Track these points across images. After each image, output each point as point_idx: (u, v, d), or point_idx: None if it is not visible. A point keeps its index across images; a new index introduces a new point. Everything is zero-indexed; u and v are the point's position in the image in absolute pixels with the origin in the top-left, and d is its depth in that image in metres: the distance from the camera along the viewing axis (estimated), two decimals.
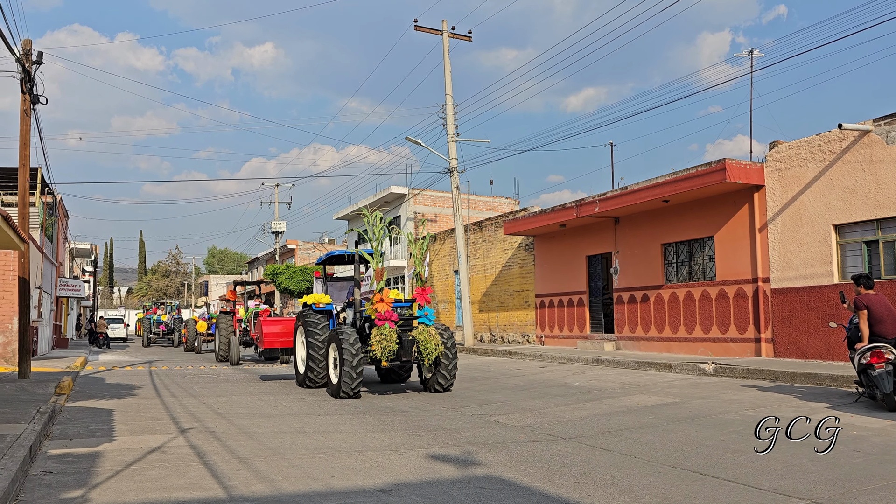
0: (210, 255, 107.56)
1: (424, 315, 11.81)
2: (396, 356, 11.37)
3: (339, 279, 15.36)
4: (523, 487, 5.37)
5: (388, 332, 11.12)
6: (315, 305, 13.31)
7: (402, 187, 34.16)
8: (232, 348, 20.55)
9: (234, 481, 5.58)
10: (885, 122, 13.56)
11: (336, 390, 11.22)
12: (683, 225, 17.91)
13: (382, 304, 11.39)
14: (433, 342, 11.27)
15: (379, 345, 11.01)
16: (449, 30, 24.18)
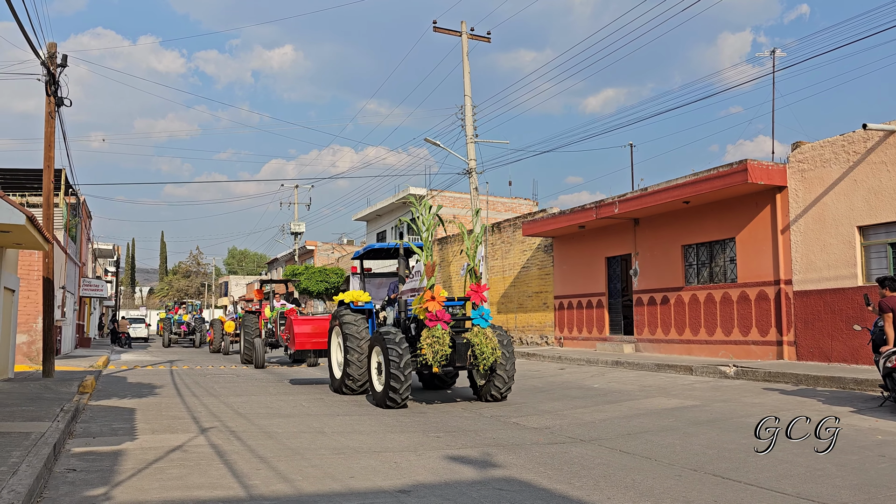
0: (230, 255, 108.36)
1: (480, 315, 10.51)
2: (450, 361, 10.20)
3: (378, 275, 14.16)
4: (542, 489, 5.35)
5: (440, 334, 9.93)
6: (353, 304, 12.13)
7: (421, 188, 34.21)
8: (257, 350, 19.48)
9: (255, 481, 5.62)
10: None
11: (381, 399, 10.08)
12: (704, 226, 17.76)
13: (434, 302, 10.11)
14: (490, 345, 10.14)
15: (430, 348, 9.89)
16: (468, 31, 24.17)
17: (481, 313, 10.50)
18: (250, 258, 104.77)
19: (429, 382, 12.67)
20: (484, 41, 24.84)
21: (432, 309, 10.09)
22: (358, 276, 13.44)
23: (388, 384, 9.82)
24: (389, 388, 9.81)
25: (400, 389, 9.80)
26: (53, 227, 15.52)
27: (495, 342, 10.23)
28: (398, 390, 9.80)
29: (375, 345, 10.53)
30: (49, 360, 14.22)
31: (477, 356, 10.19)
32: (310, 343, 14.57)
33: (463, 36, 24.09)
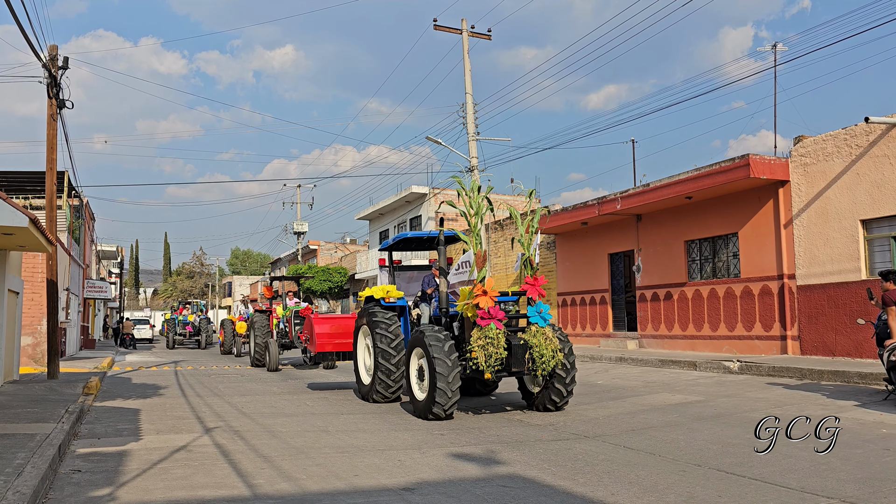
0: (233, 256, 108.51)
1: (538, 313, 9.10)
2: (505, 366, 8.81)
3: (408, 268, 12.67)
4: (546, 486, 5.35)
5: (494, 334, 8.55)
6: (384, 300, 10.73)
7: (423, 187, 34.20)
8: (270, 352, 17.93)
9: (259, 480, 5.63)
10: None
11: (423, 409, 8.77)
12: (707, 222, 17.73)
13: (486, 297, 8.69)
14: (550, 347, 8.78)
15: (482, 351, 8.50)
16: (468, 28, 24.15)
17: (539, 310, 9.08)
18: (254, 258, 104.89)
19: (467, 387, 11.07)
20: (485, 39, 24.82)
21: (484, 305, 8.68)
22: (386, 268, 11.97)
23: (433, 394, 8.44)
24: (434, 398, 8.45)
25: (447, 402, 8.47)
26: (56, 229, 15.56)
27: (556, 344, 8.88)
28: (445, 401, 8.44)
29: (416, 347, 9.09)
30: (54, 362, 14.26)
31: (535, 360, 8.81)
32: (332, 345, 13.05)
33: (463, 34, 24.07)
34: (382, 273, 11.99)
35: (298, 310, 19.31)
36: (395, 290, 10.82)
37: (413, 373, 9.27)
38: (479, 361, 8.52)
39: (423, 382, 8.91)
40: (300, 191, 49.18)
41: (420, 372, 9.08)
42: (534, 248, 9.50)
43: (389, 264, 11.95)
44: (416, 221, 36.11)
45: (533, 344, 8.83)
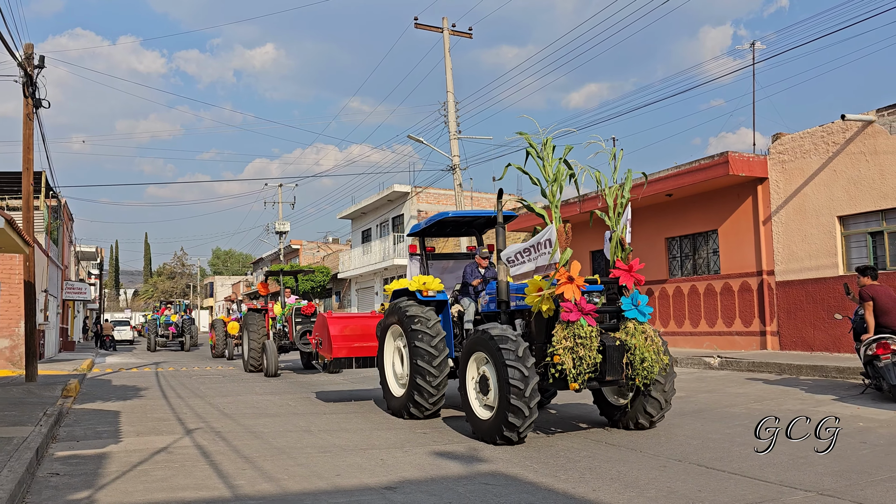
0: (215, 256, 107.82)
1: (635, 305, 7.26)
2: (599, 374, 6.96)
3: (444, 257, 10.69)
4: (528, 483, 5.37)
5: (587, 333, 6.76)
6: (420, 293, 8.95)
7: (405, 185, 34.17)
8: (269, 355, 15.94)
9: (240, 481, 5.60)
10: (888, 112, 13.51)
11: (490, 430, 6.86)
12: (687, 219, 17.88)
13: (573, 286, 6.89)
14: (652, 350, 7.03)
15: (570, 355, 6.68)
16: (449, 27, 24.15)
17: (636, 302, 7.26)
18: (235, 258, 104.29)
19: None
20: (465, 37, 24.83)
21: (571, 296, 6.84)
22: (418, 257, 10.16)
23: (505, 413, 6.60)
24: (506, 418, 6.60)
25: (523, 423, 6.60)
26: (34, 229, 15.37)
27: (659, 345, 7.14)
28: (521, 423, 6.59)
29: (477, 350, 7.20)
30: (32, 365, 14.08)
31: (634, 366, 7.04)
32: (350, 349, 10.71)
33: (444, 32, 24.07)
34: (413, 262, 10.19)
35: (300, 307, 17.25)
36: (433, 282, 9.02)
37: (470, 384, 7.34)
38: (566, 368, 6.64)
39: (488, 396, 7.00)
40: (282, 190, 48.95)
41: (482, 383, 7.13)
42: (624, 224, 7.59)
43: (422, 252, 10.09)
44: (398, 220, 36.08)
45: (631, 345, 7.02)
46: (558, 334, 6.81)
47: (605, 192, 7.68)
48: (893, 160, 13.33)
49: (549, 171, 7.41)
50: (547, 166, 7.42)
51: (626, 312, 7.24)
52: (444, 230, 10.22)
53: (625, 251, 7.55)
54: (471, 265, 9.29)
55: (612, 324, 7.42)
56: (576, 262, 7.11)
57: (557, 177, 7.43)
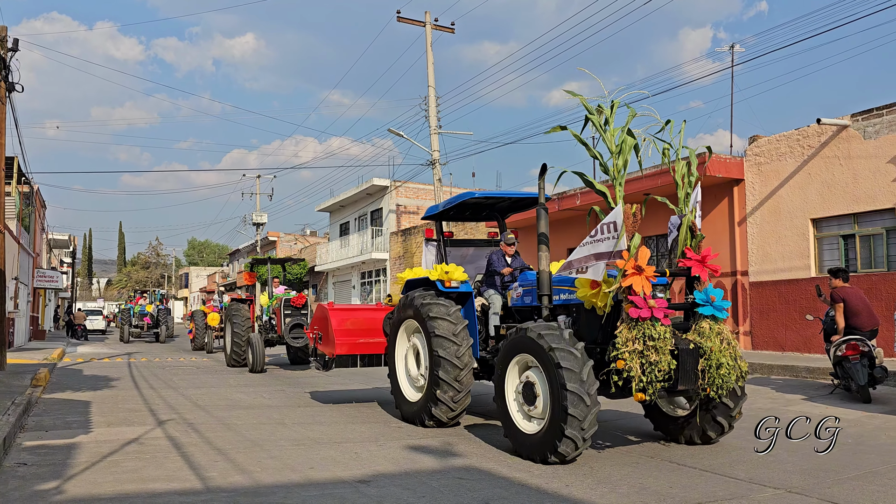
0: (190, 246, 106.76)
1: (709, 301, 6.15)
2: (673, 384, 5.84)
3: (464, 243, 9.53)
4: (502, 478, 5.39)
5: (659, 333, 5.71)
6: (442, 283, 7.79)
7: (385, 179, 34.09)
8: (255, 349, 14.97)
9: (212, 473, 5.55)
10: (862, 117, 13.71)
11: (538, 447, 5.81)
12: (664, 218, 18.02)
13: (641, 278, 5.88)
14: (729, 354, 5.97)
15: (639, 360, 5.64)
16: (432, 21, 24.10)
17: (711, 297, 6.16)
18: (211, 249, 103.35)
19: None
20: (448, 32, 24.80)
21: (640, 289, 5.82)
22: (434, 242, 9.05)
23: (560, 426, 5.55)
24: (562, 432, 5.53)
25: (580, 437, 5.56)
26: (5, 216, 15.10)
27: (736, 349, 6.12)
28: (578, 438, 5.55)
29: (520, 352, 6.18)
30: (1, 353, 13.85)
31: (709, 373, 5.94)
32: (355, 345, 9.49)
33: (427, 26, 24.01)
34: (429, 249, 9.07)
35: (289, 298, 16.04)
36: (457, 270, 7.87)
37: (510, 391, 6.33)
38: (634, 376, 5.62)
39: (534, 406, 5.98)
40: (260, 181, 48.61)
41: (526, 391, 6.08)
42: (694, 205, 6.51)
43: (439, 237, 8.97)
44: (376, 214, 35.98)
45: (707, 349, 5.95)
46: (623, 335, 5.78)
47: (674, 168, 6.50)
48: (866, 164, 13.54)
49: (613, 140, 6.26)
50: (610, 134, 6.27)
51: (700, 309, 6.15)
52: (464, 213, 9.27)
53: (696, 238, 6.49)
54: (496, 253, 8.28)
55: (681, 323, 6.45)
56: (644, 248, 6.00)
57: (623, 148, 6.24)
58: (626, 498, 4.82)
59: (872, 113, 13.61)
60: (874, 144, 13.55)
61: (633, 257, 5.95)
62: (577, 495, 4.89)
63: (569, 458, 5.69)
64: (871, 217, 13.67)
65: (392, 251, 32.94)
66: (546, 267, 6.73)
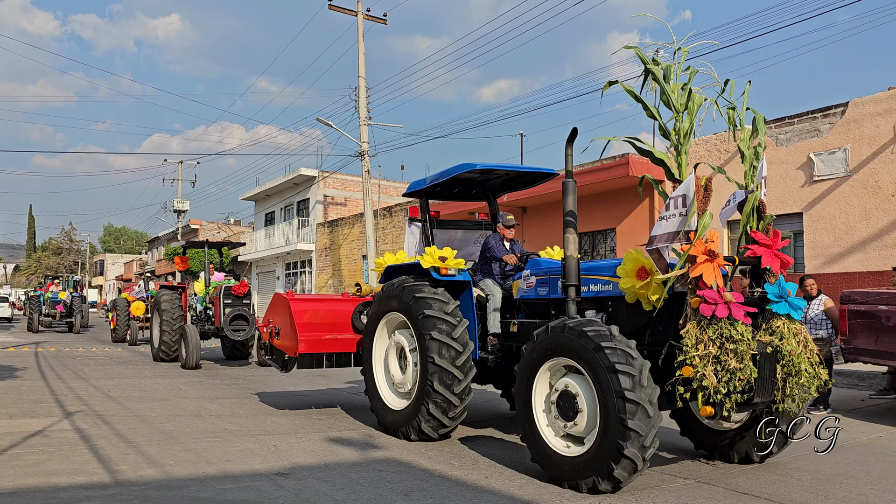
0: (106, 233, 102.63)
1: (783, 297, 5.11)
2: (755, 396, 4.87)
3: (452, 224, 8.44)
4: (422, 470, 5.39)
5: (740, 335, 4.73)
6: (437, 271, 6.64)
7: (312, 169, 33.61)
8: (189, 341, 13.51)
9: (121, 466, 5.34)
10: (775, 125, 14.35)
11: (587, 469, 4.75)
12: (589, 216, 18.41)
13: (712, 266, 4.84)
14: (806, 359, 4.98)
15: (713, 366, 4.67)
16: (364, 11, 23.87)
17: (787, 292, 5.11)
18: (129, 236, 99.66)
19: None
20: (380, 23, 24.61)
21: (712, 279, 4.81)
22: (419, 223, 7.97)
23: (616, 442, 4.54)
24: (620, 451, 4.53)
25: (643, 458, 4.60)
26: None
27: (814, 353, 5.07)
28: (640, 458, 4.58)
29: (555, 356, 5.09)
30: None
31: (790, 383, 4.96)
32: (320, 342, 8.04)
33: (358, 16, 23.76)
34: (412, 230, 7.99)
35: (230, 286, 14.51)
36: (453, 256, 6.76)
37: (539, 402, 5.26)
38: (708, 386, 4.60)
39: (574, 421, 4.94)
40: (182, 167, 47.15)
41: (564, 403, 5.02)
42: (760, 181, 5.36)
43: (424, 216, 7.80)
44: (303, 205, 35.45)
45: (786, 353, 4.94)
46: (692, 336, 4.77)
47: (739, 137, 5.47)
48: (778, 170, 14.19)
49: (678, 98, 5.20)
50: (672, 90, 5.21)
51: (774, 307, 5.08)
52: (452, 190, 8.07)
53: (764, 220, 5.32)
54: (494, 237, 7.26)
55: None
56: (714, 231, 5.00)
57: (690, 107, 5.21)
58: (544, 489, 4.89)
59: (785, 121, 14.27)
60: (785, 151, 14.21)
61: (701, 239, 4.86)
62: (495, 486, 4.94)
63: (624, 482, 4.66)
64: (782, 221, 14.33)
65: (318, 242, 32.52)
66: (574, 252, 5.57)
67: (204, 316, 15.13)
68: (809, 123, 13.99)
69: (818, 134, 13.85)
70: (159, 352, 14.86)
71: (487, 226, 8.40)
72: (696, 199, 4.93)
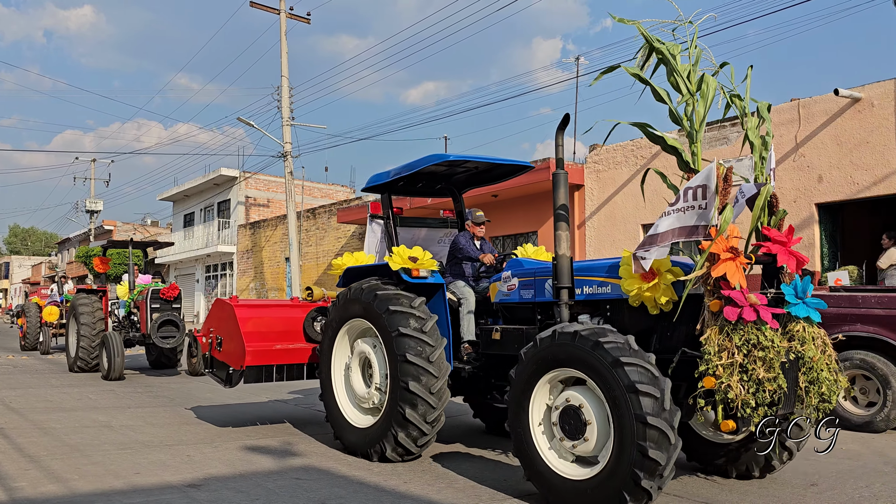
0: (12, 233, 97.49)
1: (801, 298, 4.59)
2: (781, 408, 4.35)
3: (414, 222, 7.84)
4: (341, 477, 5.34)
5: (769, 341, 4.24)
6: (408, 272, 6.11)
7: (234, 170, 32.90)
8: (111, 350, 12.31)
9: (20, 482, 5.07)
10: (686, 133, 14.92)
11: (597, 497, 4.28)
12: (512, 219, 18.68)
13: (735, 264, 4.39)
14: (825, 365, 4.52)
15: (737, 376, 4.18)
16: (287, 9, 23.54)
17: (804, 293, 4.59)
18: (37, 237, 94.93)
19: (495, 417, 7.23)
20: (304, 22, 24.32)
21: (735, 280, 4.36)
22: (381, 221, 7.37)
23: (632, 473, 4.06)
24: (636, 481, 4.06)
25: (657, 488, 4.14)
26: None
27: (833, 359, 4.60)
28: (655, 488, 4.13)
29: (558, 367, 4.58)
30: None
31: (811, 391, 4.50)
32: (270, 353, 7.17)
33: (281, 14, 23.42)
34: (373, 228, 7.51)
35: (158, 289, 13.35)
36: (426, 257, 6.23)
37: (537, 418, 4.74)
38: (735, 398, 4.15)
39: (582, 440, 4.42)
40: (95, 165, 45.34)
41: (567, 419, 4.51)
42: (769, 173, 4.93)
43: (387, 213, 7.05)
44: (224, 206, 34.61)
45: (809, 360, 4.47)
46: (714, 343, 4.28)
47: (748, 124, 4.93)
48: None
49: (691, 80, 4.73)
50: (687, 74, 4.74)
51: (794, 309, 4.54)
52: (415, 185, 7.45)
53: (776, 215, 4.84)
54: (464, 235, 6.87)
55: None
56: (734, 226, 4.52)
57: (704, 91, 4.72)
58: (462, 493, 4.92)
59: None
60: None
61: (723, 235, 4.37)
62: (414, 491, 4.94)
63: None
64: None
65: (240, 244, 31.82)
66: (566, 250, 5.14)
67: (128, 322, 14.02)
68: (718, 132, 14.60)
69: (727, 142, 14.48)
70: (77, 361, 13.57)
71: (453, 224, 7.88)
72: (720, 189, 4.43)
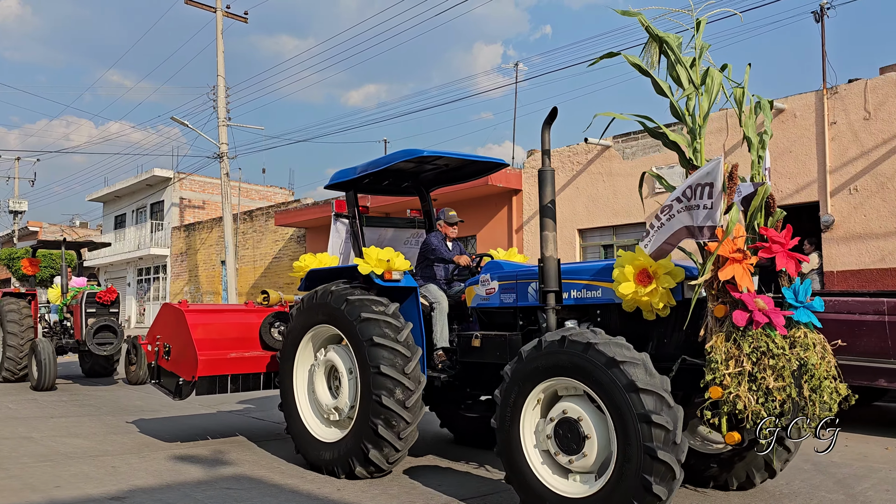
0: None
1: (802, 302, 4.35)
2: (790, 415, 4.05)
3: (381, 222, 7.49)
4: (273, 486, 5.26)
5: (780, 348, 3.99)
6: (379, 276, 5.73)
7: (167, 170, 32.09)
8: (43, 360, 11.38)
9: None
10: (622, 139, 15.28)
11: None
12: None
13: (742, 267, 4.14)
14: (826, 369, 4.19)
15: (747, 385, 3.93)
16: (223, 7, 23.11)
17: (806, 296, 4.38)
18: None
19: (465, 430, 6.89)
20: (241, 21, 23.95)
21: (743, 283, 4.13)
22: (345, 220, 7.04)
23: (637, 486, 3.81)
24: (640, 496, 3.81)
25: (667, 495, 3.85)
26: None
27: (833, 365, 4.27)
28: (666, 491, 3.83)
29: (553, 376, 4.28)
30: None
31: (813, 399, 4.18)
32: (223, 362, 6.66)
33: (218, 12, 22.98)
34: (337, 228, 7.18)
35: (94, 293, 12.45)
36: (399, 257, 5.84)
37: (530, 433, 4.42)
38: (745, 407, 3.90)
39: (579, 455, 4.14)
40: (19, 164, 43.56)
41: (562, 431, 4.23)
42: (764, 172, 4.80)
43: (352, 212, 6.63)
44: (157, 207, 33.70)
45: (811, 365, 4.15)
46: (720, 350, 4.01)
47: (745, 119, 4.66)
48: (625, 182, 15.10)
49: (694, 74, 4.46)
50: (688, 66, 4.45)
51: (795, 313, 4.34)
52: (381, 182, 7.03)
53: (773, 216, 4.62)
54: (436, 236, 6.51)
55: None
56: (739, 226, 4.33)
57: (709, 85, 4.45)
58: (397, 499, 4.90)
59: (630, 136, 15.21)
60: (631, 164, 15.14)
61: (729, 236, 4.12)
62: (348, 498, 4.90)
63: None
64: (628, 230, 15.27)
65: (174, 247, 31.03)
66: (553, 252, 4.92)
67: (60, 328, 13.15)
68: (652, 139, 15.00)
69: (660, 149, 14.89)
70: (2, 371, 12.75)
71: (421, 224, 7.49)
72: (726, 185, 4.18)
